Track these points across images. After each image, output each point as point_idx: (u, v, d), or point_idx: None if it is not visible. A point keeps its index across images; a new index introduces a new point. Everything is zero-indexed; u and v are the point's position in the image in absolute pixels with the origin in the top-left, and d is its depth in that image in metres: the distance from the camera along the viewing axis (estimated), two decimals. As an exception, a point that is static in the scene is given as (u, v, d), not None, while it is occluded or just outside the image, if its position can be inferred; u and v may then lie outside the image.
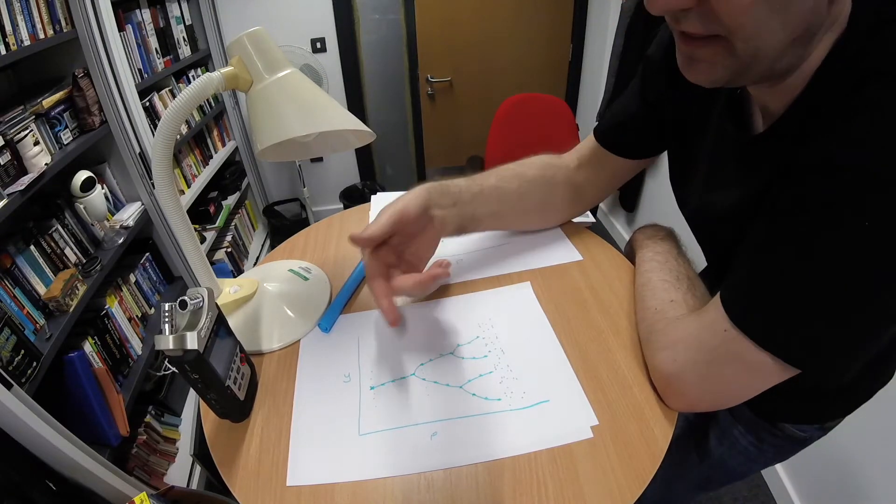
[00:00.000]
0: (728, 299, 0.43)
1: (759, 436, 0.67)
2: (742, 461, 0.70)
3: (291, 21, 2.38)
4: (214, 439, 0.51)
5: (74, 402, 1.12)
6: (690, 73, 0.42)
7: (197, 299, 0.45)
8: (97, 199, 1.30)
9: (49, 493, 0.93)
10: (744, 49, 0.36)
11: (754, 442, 0.67)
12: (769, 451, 0.68)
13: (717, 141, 0.54)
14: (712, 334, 0.43)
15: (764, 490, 1.43)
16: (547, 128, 2.09)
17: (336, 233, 0.83)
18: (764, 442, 0.67)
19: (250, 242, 2.61)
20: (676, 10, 0.36)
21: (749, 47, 0.36)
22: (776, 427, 0.65)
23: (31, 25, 1.11)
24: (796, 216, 0.38)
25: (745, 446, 0.68)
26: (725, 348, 0.42)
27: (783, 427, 0.64)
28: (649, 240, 0.64)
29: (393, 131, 2.88)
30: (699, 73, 0.41)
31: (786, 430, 0.64)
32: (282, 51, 0.52)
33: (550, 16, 2.48)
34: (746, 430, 0.67)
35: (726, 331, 0.42)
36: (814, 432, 0.65)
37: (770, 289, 0.39)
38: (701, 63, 0.40)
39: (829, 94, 0.38)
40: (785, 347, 0.39)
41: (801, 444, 0.67)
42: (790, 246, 0.38)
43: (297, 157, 0.63)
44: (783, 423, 0.64)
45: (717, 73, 0.39)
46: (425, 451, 0.47)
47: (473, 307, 0.64)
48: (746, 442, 0.68)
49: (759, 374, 0.41)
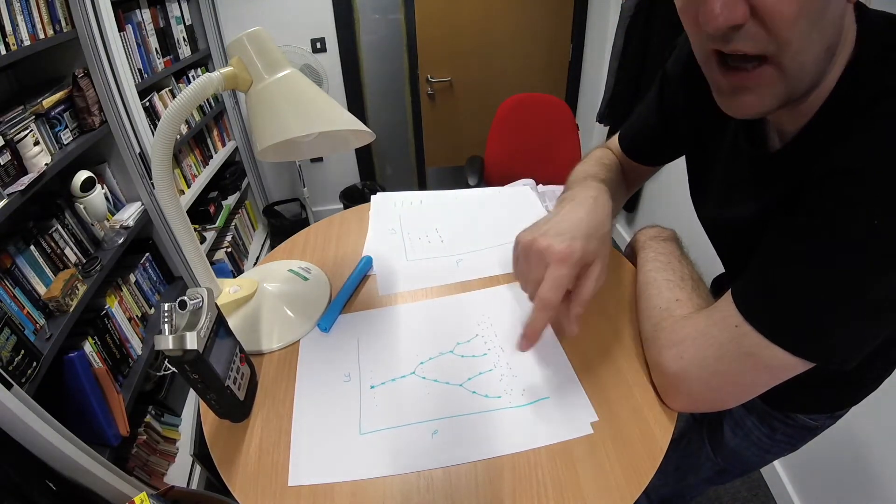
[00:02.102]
0: (739, 295, 0.43)
1: (772, 426, 0.68)
2: (756, 451, 0.72)
3: (291, 21, 2.38)
4: (214, 439, 0.51)
5: (74, 402, 1.12)
6: (736, 106, 0.42)
7: (197, 299, 0.45)
8: (97, 199, 1.30)
9: (49, 493, 0.93)
10: (791, 65, 0.37)
11: (768, 433, 0.69)
12: (782, 441, 0.69)
13: (734, 156, 0.55)
14: (722, 329, 0.43)
15: (764, 490, 1.43)
16: (547, 128, 2.08)
17: (336, 233, 0.83)
18: (777, 431, 0.68)
19: (250, 242, 2.61)
20: (732, 25, 0.36)
21: (796, 63, 0.37)
22: (788, 417, 0.66)
23: (31, 25, 1.11)
24: (810, 217, 0.39)
25: (759, 437, 0.70)
26: (736, 343, 0.42)
27: (795, 417, 0.66)
28: (652, 240, 0.64)
29: (393, 131, 2.88)
30: (747, 106, 0.41)
31: (798, 420, 0.66)
32: (282, 51, 0.52)
33: (550, 16, 2.48)
34: (760, 422, 0.69)
35: (737, 326, 0.42)
36: (825, 421, 0.66)
37: (782, 284, 0.40)
38: (749, 94, 0.40)
39: (844, 113, 0.39)
40: (797, 341, 0.39)
41: (813, 432, 0.68)
42: (802, 244, 0.39)
43: (297, 157, 0.63)
44: (795, 414, 0.65)
45: (765, 102, 0.40)
46: (426, 450, 0.47)
47: (472, 306, 0.65)
48: (760, 433, 0.69)
49: (768, 370, 0.41)
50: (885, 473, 1.05)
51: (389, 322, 0.63)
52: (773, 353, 0.40)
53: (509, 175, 2.05)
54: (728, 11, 0.35)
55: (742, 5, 0.35)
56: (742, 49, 0.37)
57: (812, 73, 0.38)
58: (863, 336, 0.39)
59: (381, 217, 0.86)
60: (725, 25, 0.36)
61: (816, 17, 0.35)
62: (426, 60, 2.47)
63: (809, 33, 0.35)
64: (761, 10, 0.34)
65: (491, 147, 2.13)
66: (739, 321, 0.42)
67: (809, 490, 1.29)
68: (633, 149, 0.73)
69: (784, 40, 0.35)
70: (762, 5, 0.34)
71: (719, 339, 0.44)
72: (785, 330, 0.40)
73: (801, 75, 0.38)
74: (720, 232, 0.63)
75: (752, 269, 0.43)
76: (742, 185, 0.54)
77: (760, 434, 0.69)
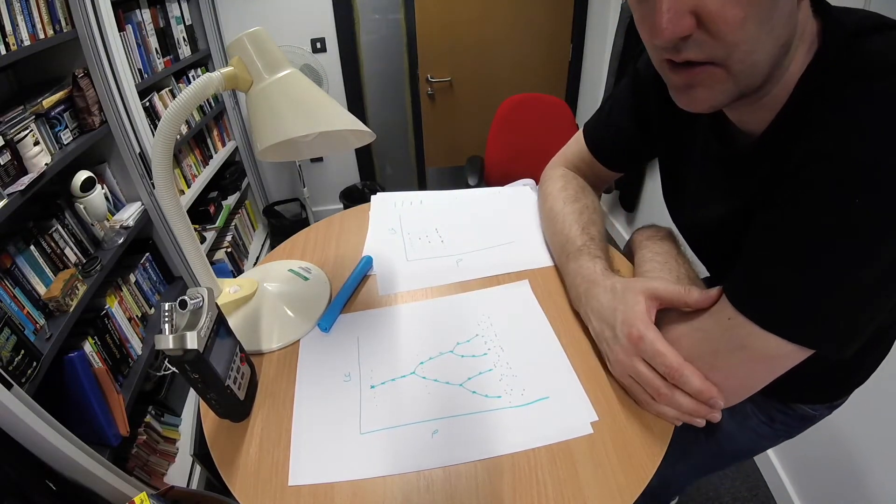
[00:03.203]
0: (731, 289, 0.43)
1: (772, 415, 0.67)
2: (752, 437, 0.71)
3: (291, 21, 2.38)
4: (214, 439, 0.51)
5: (74, 402, 1.11)
6: (689, 101, 0.43)
7: (197, 299, 0.45)
8: (97, 199, 1.30)
9: (49, 493, 0.93)
10: (740, 66, 0.38)
11: (766, 421, 0.68)
12: (780, 430, 0.69)
13: (705, 157, 0.55)
14: (715, 323, 0.44)
15: (764, 490, 1.43)
16: (547, 128, 2.08)
17: (336, 233, 0.83)
18: (776, 421, 0.68)
19: (250, 242, 2.61)
20: (678, 38, 0.37)
21: (747, 63, 0.38)
22: (788, 407, 0.66)
23: (31, 25, 1.11)
24: (793, 206, 0.39)
25: (757, 424, 0.69)
26: (730, 336, 0.42)
27: (795, 407, 0.65)
28: (648, 240, 0.64)
29: (393, 131, 2.88)
30: (698, 102, 0.42)
31: (798, 410, 0.66)
32: (282, 51, 0.52)
33: (550, 16, 2.48)
34: (758, 409, 0.68)
35: (730, 318, 0.42)
36: (823, 410, 0.66)
37: (772, 271, 0.40)
38: (699, 88, 0.41)
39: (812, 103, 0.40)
40: (791, 327, 0.39)
41: (811, 421, 0.68)
42: (789, 231, 0.39)
43: (297, 157, 0.63)
44: (795, 404, 0.65)
45: (717, 96, 0.41)
46: (426, 449, 0.48)
47: (472, 305, 0.65)
48: (758, 420, 0.68)
49: (764, 361, 0.41)
50: (884, 473, 1.05)
51: (389, 322, 0.63)
52: (767, 343, 0.40)
53: (509, 175, 2.05)
54: (673, 25, 0.36)
55: (688, 17, 0.36)
56: (691, 58, 0.38)
57: (765, 70, 0.39)
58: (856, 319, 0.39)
59: (381, 217, 0.86)
60: (672, 38, 0.37)
61: (765, 18, 0.35)
62: (426, 60, 2.47)
63: (758, 34, 0.36)
64: (707, 18, 0.35)
65: (491, 147, 2.13)
66: (732, 313, 0.42)
67: (809, 489, 1.29)
68: (606, 156, 0.72)
69: (731, 44, 0.36)
70: (707, 14, 0.35)
71: (714, 333, 0.44)
72: (777, 316, 0.39)
73: (752, 72, 0.39)
74: (698, 235, 0.63)
75: (742, 263, 0.43)
76: (715, 186, 0.54)
77: (758, 421, 0.69)
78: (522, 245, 0.75)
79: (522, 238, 0.76)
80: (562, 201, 0.70)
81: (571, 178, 0.74)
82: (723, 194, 0.53)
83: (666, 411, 0.47)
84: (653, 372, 0.46)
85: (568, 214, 0.68)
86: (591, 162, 0.73)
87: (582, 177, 0.75)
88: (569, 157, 0.77)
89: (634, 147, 0.68)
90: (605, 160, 0.72)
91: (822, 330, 0.39)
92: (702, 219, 0.57)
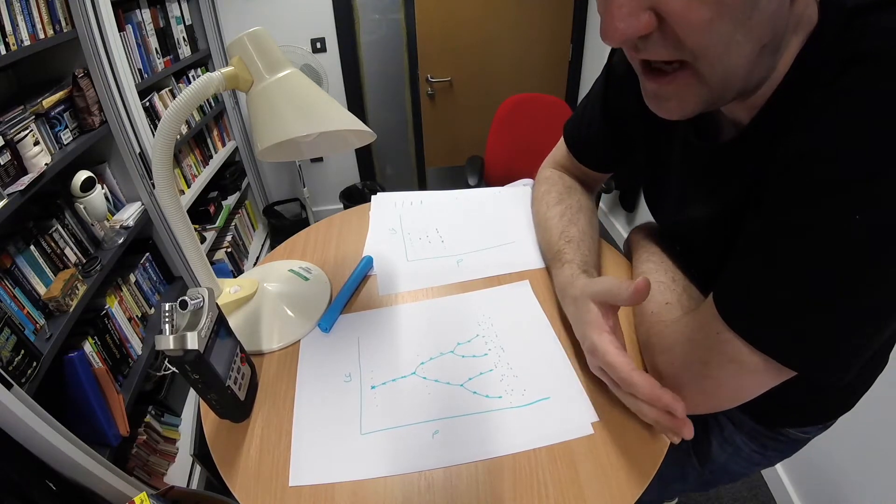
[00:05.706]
0: (720, 300, 0.41)
1: (763, 443, 0.65)
2: (746, 465, 0.69)
3: (291, 21, 2.37)
4: (214, 439, 0.51)
5: (74, 402, 1.11)
6: (660, 110, 0.40)
7: (197, 299, 0.45)
8: (97, 199, 1.30)
9: (49, 493, 0.93)
10: (711, 73, 0.34)
11: (758, 449, 0.66)
12: (773, 455, 0.67)
13: (686, 154, 0.53)
14: (705, 336, 0.42)
15: (764, 490, 1.43)
16: (547, 128, 2.08)
17: (336, 233, 0.83)
18: (768, 448, 0.66)
19: (250, 242, 2.61)
20: (635, 38, 0.34)
21: (717, 70, 0.34)
22: (780, 434, 0.64)
23: (31, 25, 1.11)
24: (782, 209, 0.37)
25: (749, 453, 0.67)
26: (720, 350, 0.41)
27: (787, 433, 0.63)
28: (645, 240, 0.64)
29: (393, 131, 2.88)
30: (670, 111, 0.40)
31: (789, 435, 0.64)
32: (282, 51, 0.52)
33: (550, 16, 2.48)
34: (749, 439, 0.66)
35: (719, 333, 0.40)
36: (815, 431, 0.64)
37: (760, 289, 0.38)
38: (670, 100, 0.39)
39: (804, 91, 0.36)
40: (777, 348, 0.37)
41: (804, 443, 0.66)
42: (777, 243, 0.37)
43: (297, 157, 0.63)
44: (787, 429, 0.63)
45: (688, 106, 0.38)
46: (427, 450, 0.47)
47: (473, 306, 0.65)
48: (749, 450, 0.67)
49: (753, 376, 0.40)
50: (884, 473, 1.05)
51: (390, 322, 0.63)
52: (755, 360, 0.38)
53: (509, 175, 2.05)
54: (626, 25, 0.33)
55: (645, 15, 0.32)
56: (652, 58, 0.36)
57: (743, 74, 0.35)
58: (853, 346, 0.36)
59: (382, 217, 0.86)
60: (627, 37, 0.34)
61: (740, 18, 0.31)
62: (426, 60, 2.47)
63: (733, 35, 0.32)
64: (668, 17, 0.32)
65: (491, 147, 2.13)
66: (721, 328, 0.40)
67: (809, 490, 1.29)
68: (584, 154, 0.71)
69: (697, 47, 0.33)
70: (669, 13, 0.32)
71: (704, 345, 0.42)
72: (767, 337, 0.37)
73: (727, 77, 0.35)
74: (681, 235, 0.60)
75: (730, 271, 0.41)
76: (697, 182, 0.52)
77: (750, 451, 0.67)
78: (523, 245, 0.75)
79: (523, 238, 0.76)
80: (545, 205, 0.70)
81: (557, 180, 0.74)
82: (704, 193, 0.50)
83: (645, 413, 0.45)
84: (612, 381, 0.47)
85: (550, 219, 0.68)
86: (575, 161, 0.73)
87: (571, 177, 0.74)
88: (557, 158, 0.77)
89: (608, 145, 0.66)
90: (583, 159, 0.71)
91: (810, 353, 0.36)
92: (686, 218, 0.55)
